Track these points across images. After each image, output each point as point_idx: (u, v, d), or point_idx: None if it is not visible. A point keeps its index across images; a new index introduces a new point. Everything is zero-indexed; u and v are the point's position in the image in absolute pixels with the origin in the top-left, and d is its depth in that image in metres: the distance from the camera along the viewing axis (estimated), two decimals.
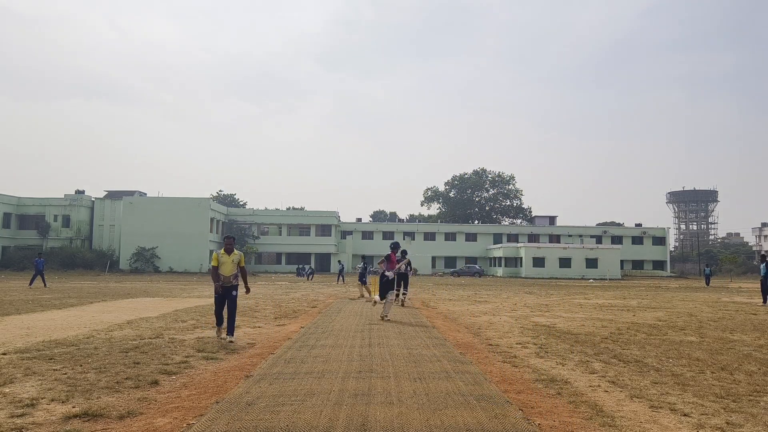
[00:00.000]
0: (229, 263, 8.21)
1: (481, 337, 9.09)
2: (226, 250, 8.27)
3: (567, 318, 12.63)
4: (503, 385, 5.35)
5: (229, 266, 8.22)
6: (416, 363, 6.43)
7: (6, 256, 52.41)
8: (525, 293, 24.33)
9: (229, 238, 8.34)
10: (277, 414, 4.20)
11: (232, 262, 8.24)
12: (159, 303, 15.80)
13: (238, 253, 8.35)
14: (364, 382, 5.37)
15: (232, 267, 8.24)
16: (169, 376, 5.73)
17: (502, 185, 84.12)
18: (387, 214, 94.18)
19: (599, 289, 30.61)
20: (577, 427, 4.00)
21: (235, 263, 8.27)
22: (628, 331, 10.01)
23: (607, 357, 7.16)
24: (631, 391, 5.14)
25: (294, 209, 76.52)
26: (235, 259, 8.27)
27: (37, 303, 15.01)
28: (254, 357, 6.91)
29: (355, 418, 4.11)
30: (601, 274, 55.95)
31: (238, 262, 8.29)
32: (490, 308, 15.40)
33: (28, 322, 10.40)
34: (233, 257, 8.27)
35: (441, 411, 4.32)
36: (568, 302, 18.34)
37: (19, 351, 7.11)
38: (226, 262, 8.20)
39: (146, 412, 4.34)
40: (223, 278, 8.16)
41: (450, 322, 11.48)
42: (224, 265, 8.19)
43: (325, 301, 17.22)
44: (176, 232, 52.72)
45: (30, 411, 4.31)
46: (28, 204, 57.41)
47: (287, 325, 10.56)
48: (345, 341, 8.23)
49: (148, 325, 10.10)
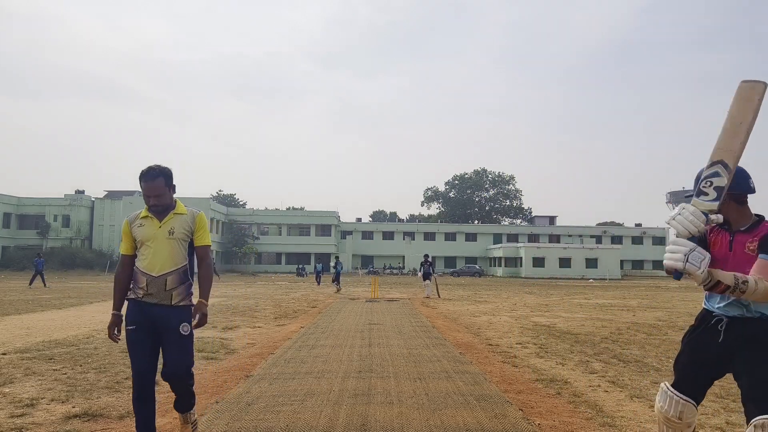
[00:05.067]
0: (161, 242, 3.27)
1: (481, 337, 9.09)
2: (151, 209, 3.33)
3: (567, 318, 12.63)
4: (503, 385, 5.35)
5: (161, 249, 3.26)
6: (416, 363, 6.43)
7: (6, 256, 52.45)
8: (525, 293, 24.34)
9: (153, 174, 3.26)
10: (277, 414, 4.20)
11: (170, 237, 3.29)
12: None
13: (189, 212, 3.40)
14: (364, 382, 5.37)
15: (169, 251, 3.27)
16: None
17: (502, 185, 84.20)
18: (387, 214, 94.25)
19: (599, 289, 30.62)
20: (577, 427, 4.00)
21: (179, 241, 3.31)
22: (628, 331, 10.01)
23: (607, 357, 7.16)
24: (631, 391, 5.15)
25: (294, 209, 76.56)
26: (176, 229, 3.31)
27: (37, 303, 15.01)
28: (254, 357, 6.91)
29: (355, 418, 4.11)
30: (601, 274, 55.98)
31: (185, 238, 3.33)
32: (490, 308, 15.40)
33: (28, 322, 10.39)
34: (171, 224, 3.31)
35: (441, 411, 4.32)
36: (568, 302, 18.34)
37: (19, 351, 7.11)
38: (151, 239, 3.27)
39: None
40: (144, 283, 3.24)
41: (450, 322, 11.48)
42: (147, 247, 3.28)
43: (325, 301, 17.23)
44: None
45: (30, 411, 4.31)
46: (28, 204, 57.45)
47: (287, 325, 10.56)
48: (345, 341, 8.23)
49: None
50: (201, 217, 3.44)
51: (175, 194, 3.44)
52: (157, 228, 3.29)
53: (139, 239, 3.32)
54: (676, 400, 2.72)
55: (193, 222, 3.37)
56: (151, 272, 3.23)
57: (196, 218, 3.39)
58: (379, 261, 67.66)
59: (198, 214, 3.43)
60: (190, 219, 3.38)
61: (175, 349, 3.27)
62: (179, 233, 3.31)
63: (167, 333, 3.26)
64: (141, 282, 3.27)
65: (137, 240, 3.33)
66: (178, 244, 3.30)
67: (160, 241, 3.26)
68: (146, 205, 3.35)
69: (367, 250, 68.54)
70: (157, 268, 3.23)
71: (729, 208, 2.63)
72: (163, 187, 3.29)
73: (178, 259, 3.29)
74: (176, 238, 3.30)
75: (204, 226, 3.42)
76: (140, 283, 3.27)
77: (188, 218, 3.37)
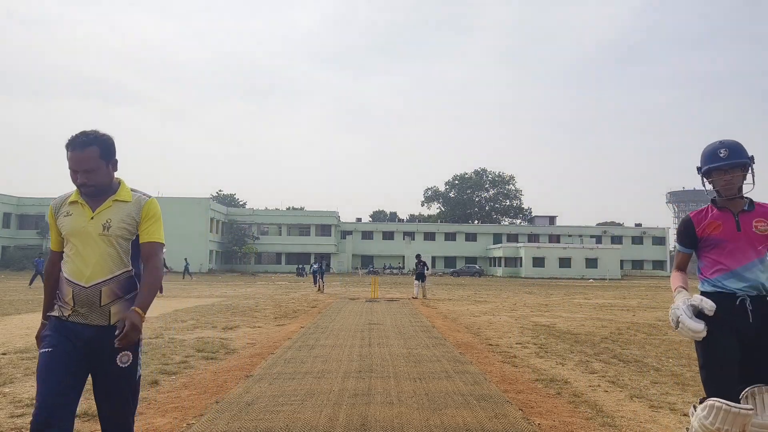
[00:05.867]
0: (92, 239, 2.34)
1: (481, 337, 9.09)
2: (82, 192, 2.40)
3: (567, 318, 12.63)
4: (503, 385, 5.35)
5: (92, 249, 2.34)
6: (416, 363, 6.43)
7: (6, 256, 52.47)
8: (525, 293, 24.34)
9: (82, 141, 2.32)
10: (277, 414, 4.20)
11: (104, 232, 2.35)
12: (159, 303, 15.79)
13: (136, 199, 2.46)
14: (363, 382, 5.37)
15: (103, 253, 2.35)
16: (169, 376, 5.73)
17: (502, 185, 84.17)
18: (387, 214, 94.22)
19: (599, 289, 30.62)
20: (577, 427, 4.00)
21: (117, 239, 2.38)
22: (628, 331, 10.01)
23: (607, 357, 7.16)
24: (631, 391, 5.15)
25: (294, 209, 76.57)
26: (115, 222, 2.37)
27: (37, 303, 15.00)
28: (254, 357, 6.91)
29: (355, 418, 4.11)
30: (601, 274, 55.97)
31: (126, 234, 2.40)
32: (490, 308, 15.40)
33: (28, 322, 10.39)
34: (108, 214, 2.38)
35: (441, 411, 4.32)
36: (567, 302, 18.34)
37: (19, 351, 7.11)
38: (79, 234, 2.35)
39: (146, 412, 4.33)
40: (71, 296, 2.33)
41: (450, 322, 11.48)
42: (73, 245, 2.37)
43: (325, 301, 17.23)
44: (176, 232, 52.68)
45: (30, 411, 4.31)
46: (28, 204, 57.43)
47: (287, 325, 10.56)
48: (345, 341, 8.23)
49: (147, 325, 10.09)
50: (151, 204, 2.50)
51: (116, 172, 2.50)
52: (87, 219, 2.36)
53: (65, 233, 2.40)
54: (737, 413, 2.40)
55: (138, 212, 2.44)
56: (78, 281, 2.31)
57: (143, 206, 2.46)
58: (379, 261, 67.67)
59: (147, 200, 2.49)
60: (136, 208, 2.44)
61: (110, 390, 2.36)
62: (118, 227, 2.37)
63: (101, 364, 2.34)
64: (66, 294, 2.34)
65: (63, 234, 2.42)
66: (117, 243, 2.38)
67: (90, 237, 2.34)
68: (75, 186, 2.42)
69: (367, 250, 68.51)
70: (87, 276, 2.31)
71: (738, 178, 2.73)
72: (97, 160, 2.34)
73: (117, 263, 2.36)
74: (113, 235, 2.36)
75: (154, 216, 2.48)
76: (65, 295, 2.34)
77: (133, 207, 2.44)
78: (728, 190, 2.73)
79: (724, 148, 2.72)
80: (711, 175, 2.78)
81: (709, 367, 2.61)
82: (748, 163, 2.73)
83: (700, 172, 2.85)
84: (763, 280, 2.65)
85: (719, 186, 2.75)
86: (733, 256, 2.68)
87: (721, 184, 2.74)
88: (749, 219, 2.70)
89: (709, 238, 2.77)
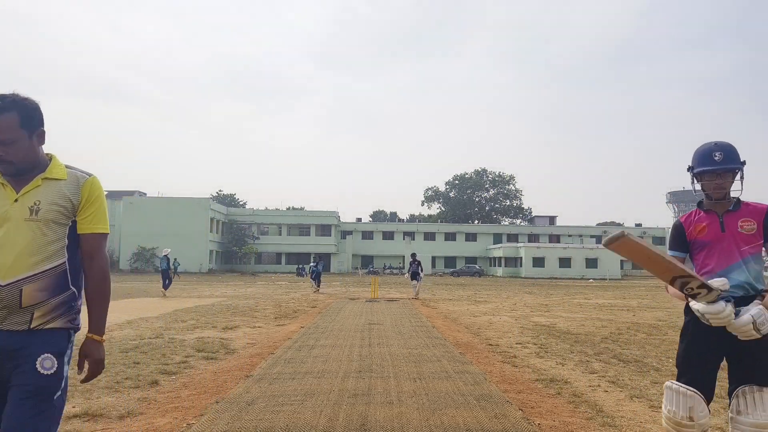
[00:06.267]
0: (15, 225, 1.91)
1: (481, 337, 9.09)
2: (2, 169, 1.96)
3: (567, 318, 12.63)
4: (503, 385, 5.35)
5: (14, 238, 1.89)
6: (416, 363, 6.43)
7: None
8: (525, 293, 24.35)
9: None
10: (277, 414, 4.20)
11: (31, 217, 1.92)
12: (159, 303, 15.80)
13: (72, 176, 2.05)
14: (363, 382, 5.37)
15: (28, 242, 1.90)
16: (169, 376, 5.73)
17: (503, 185, 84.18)
18: (387, 214, 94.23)
19: (599, 289, 30.63)
20: (577, 427, 4.00)
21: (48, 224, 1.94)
22: (628, 331, 10.02)
23: (607, 357, 7.16)
24: (631, 391, 5.15)
25: (294, 209, 76.53)
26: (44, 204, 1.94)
27: None
28: (254, 357, 6.91)
29: (355, 418, 4.11)
30: (601, 274, 55.98)
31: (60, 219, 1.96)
32: (490, 308, 15.40)
33: None
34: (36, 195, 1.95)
35: (441, 411, 4.32)
36: (568, 302, 18.34)
37: None
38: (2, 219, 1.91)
39: (146, 412, 4.34)
40: None
41: (450, 322, 11.49)
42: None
43: (325, 301, 17.23)
44: (176, 232, 52.68)
45: None
46: None
47: (287, 325, 10.57)
48: (345, 341, 8.23)
49: (147, 325, 10.10)
50: (93, 184, 2.07)
51: (43, 145, 2.05)
52: (10, 202, 1.93)
53: None
54: (682, 392, 2.60)
55: (77, 192, 2.02)
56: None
57: (83, 186, 2.04)
58: (379, 261, 67.67)
59: (87, 179, 2.07)
60: (72, 187, 2.02)
61: (22, 409, 1.81)
62: (49, 210, 1.95)
63: (16, 375, 1.86)
64: None
65: None
66: (47, 230, 1.94)
67: (13, 222, 1.91)
68: None
69: (367, 250, 68.52)
70: (5, 270, 1.87)
71: (729, 182, 2.74)
72: (16, 130, 1.92)
73: (46, 255, 1.93)
74: (43, 219, 1.93)
75: (97, 200, 2.06)
76: None
77: (68, 186, 2.01)
78: (718, 193, 2.72)
79: (719, 152, 2.69)
80: (703, 177, 2.76)
81: (680, 352, 2.83)
82: (740, 168, 2.72)
83: (691, 171, 2.82)
84: (749, 281, 2.64)
85: (710, 189, 2.74)
86: (718, 258, 2.70)
87: (712, 187, 2.73)
88: (734, 219, 2.69)
89: (696, 241, 2.79)
